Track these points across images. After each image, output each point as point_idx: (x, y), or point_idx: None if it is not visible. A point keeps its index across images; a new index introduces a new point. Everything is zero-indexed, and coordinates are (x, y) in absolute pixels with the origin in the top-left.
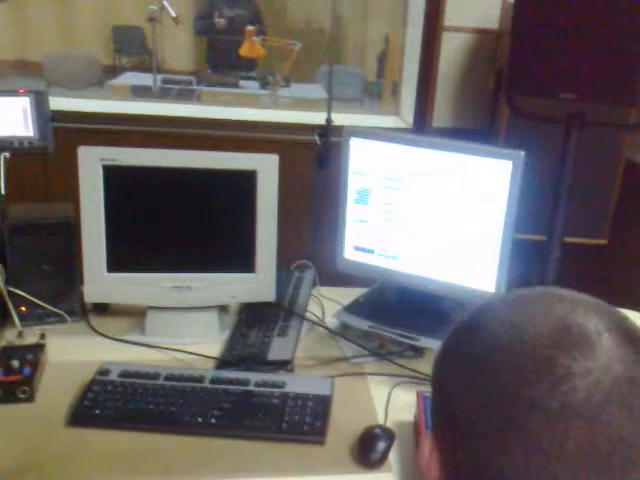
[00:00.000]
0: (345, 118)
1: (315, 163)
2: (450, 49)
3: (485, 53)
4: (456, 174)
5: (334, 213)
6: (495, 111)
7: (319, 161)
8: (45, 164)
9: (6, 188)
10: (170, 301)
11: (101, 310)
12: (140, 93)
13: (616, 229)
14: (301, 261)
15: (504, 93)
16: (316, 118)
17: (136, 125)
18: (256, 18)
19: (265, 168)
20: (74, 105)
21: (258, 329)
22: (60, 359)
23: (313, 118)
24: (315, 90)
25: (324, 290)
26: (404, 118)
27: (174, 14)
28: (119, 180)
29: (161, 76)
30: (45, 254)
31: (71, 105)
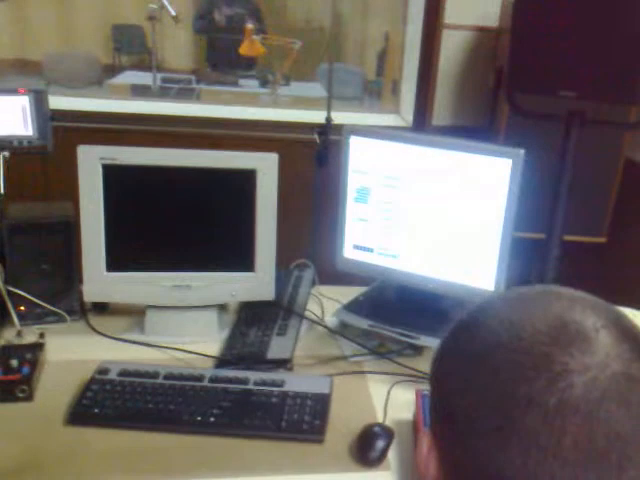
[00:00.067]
0: (345, 117)
1: (315, 162)
2: (450, 47)
3: (485, 51)
4: (456, 172)
5: (334, 212)
6: (495, 109)
7: (319, 160)
8: (44, 163)
9: (5, 187)
10: (169, 300)
11: (100, 309)
12: (140, 92)
13: (615, 227)
14: (300, 260)
15: (504, 91)
16: (316, 117)
17: (136, 124)
18: (256, 16)
19: (265, 167)
20: (74, 104)
21: (257, 328)
22: (59, 358)
23: (313, 117)
24: (315, 89)
25: (323, 289)
26: (404, 116)
27: (174, 13)
28: (119, 179)
29: (161, 75)
30: (44, 253)
31: (71, 104)
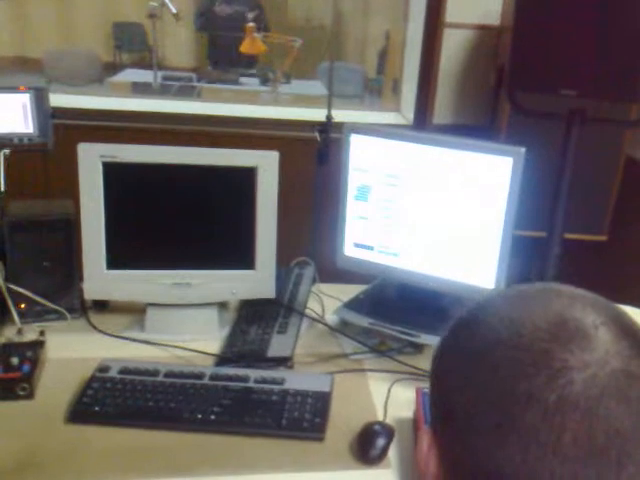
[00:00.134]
0: (345, 115)
1: (315, 160)
2: (451, 45)
3: (486, 49)
4: (457, 171)
5: (334, 210)
6: (496, 107)
7: (319, 158)
8: (45, 161)
9: (6, 185)
10: (170, 298)
11: (101, 307)
12: (140, 90)
13: (616, 225)
14: (301, 258)
15: (505, 89)
16: (316, 115)
17: (136, 122)
18: (258, 13)
19: (265, 165)
20: (74, 102)
21: (258, 326)
22: (60, 356)
23: (313, 115)
24: (315, 87)
25: (324, 287)
26: (404, 115)
27: (174, 10)
28: (119, 177)
29: (161, 73)
30: (45, 251)
31: (71, 102)
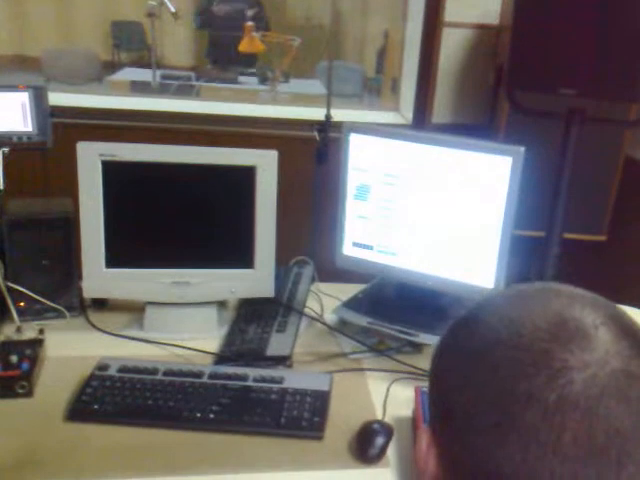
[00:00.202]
0: (344, 114)
1: (314, 159)
2: (450, 45)
3: (485, 49)
4: (456, 170)
5: (333, 209)
6: (495, 107)
7: (318, 157)
8: (44, 159)
9: (5, 183)
10: (169, 297)
11: (100, 305)
12: (139, 89)
13: (615, 225)
14: (300, 257)
15: (504, 89)
16: (315, 114)
17: (135, 120)
18: (258, 12)
19: (264, 164)
20: (73, 100)
21: (257, 325)
22: (59, 354)
23: (312, 114)
24: (314, 86)
25: (323, 286)
26: (404, 114)
27: (173, 9)
28: (118, 175)
29: (160, 72)
30: (44, 249)
31: (70, 100)
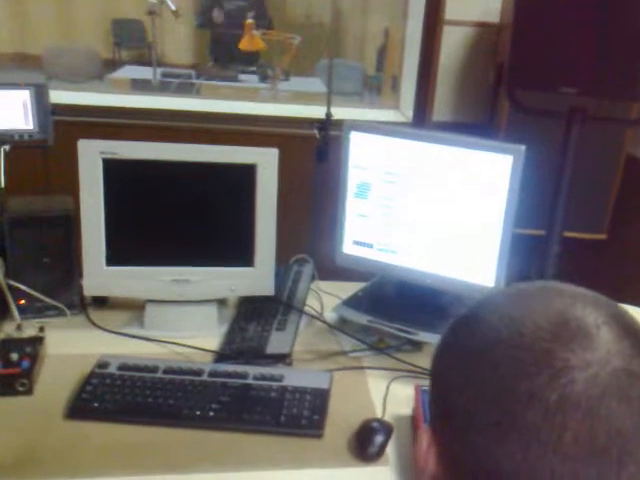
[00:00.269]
0: (344, 112)
1: (314, 157)
2: (450, 43)
3: (486, 47)
4: (456, 168)
5: (333, 207)
6: (496, 105)
7: (319, 155)
8: (45, 157)
9: (6, 181)
10: (169, 295)
11: (100, 303)
12: (140, 86)
13: (616, 224)
14: (300, 255)
15: (505, 87)
16: (315, 112)
17: (136, 118)
18: (260, 10)
19: (265, 162)
20: (74, 98)
21: (257, 323)
22: (59, 352)
23: (312, 112)
24: (314, 84)
25: (323, 284)
26: (404, 112)
27: (174, 7)
28: (119, 173)
29: (161, 69)
30: (45, 247)
31: (71, 98)
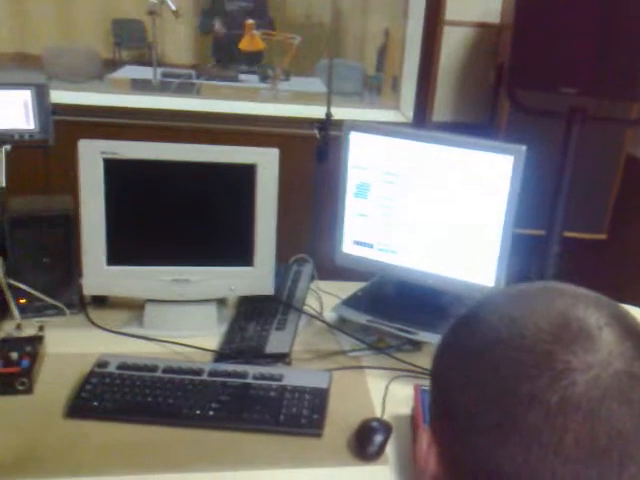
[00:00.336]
0: (345, 112)
1: (315, 157)
2: (451, 43)
3: (486, 47)
4: (456, 169)
5: (333, 207)
6: (496, 105)
7: (319, 155)
8: (46, 157)
9: (7, 181)
10: (169, 294)
11: (100, 303)
12: (140, 86)
13: (616, 224)
14: (300, 255)
15: (505, 87)
16: (316, 112)
17: (136, 118)
18: (261, 11)
19: (265, 162)
20: (74, 98)
21: (256, 322)
22: (59, 351)
23: (313, 112)
24: (314, 84)
25: (322, 284)
26: (404, 112)
27: (174, 7)
28: (119, 173)
29: (161, 69)
30: (45, 247)
31: (71, 98)
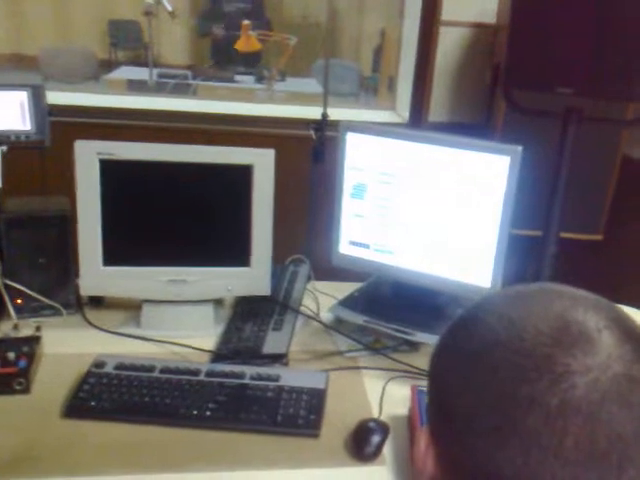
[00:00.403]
0: (341, 113)
1: (311, 158)
2: (447, 43)
3: (482, 47)
4: (452, 169)
5: (330, 208)
6: (492, 106)
7: (315, 156)
8: (42, 158)
9: (3, 181)
10: (165, 294)
11: (96, 303)
12: (136, 87)
13: (612, 225)
14: (296, 255)
15: (501, 88)
16: (312, 112)
17: (132, 119)
18: (259, 12)
19: (261, 163)
20: (70, 99)
21: (253, 323)
22: (56, 351)
23: (309, 112)
24: (310, 84)
25: (319, 284)
26: (400, 113)
27: (170, 8)
28: (115, 174)
29: (157, 70)
30: (41, 247)
31: (67, 99)
